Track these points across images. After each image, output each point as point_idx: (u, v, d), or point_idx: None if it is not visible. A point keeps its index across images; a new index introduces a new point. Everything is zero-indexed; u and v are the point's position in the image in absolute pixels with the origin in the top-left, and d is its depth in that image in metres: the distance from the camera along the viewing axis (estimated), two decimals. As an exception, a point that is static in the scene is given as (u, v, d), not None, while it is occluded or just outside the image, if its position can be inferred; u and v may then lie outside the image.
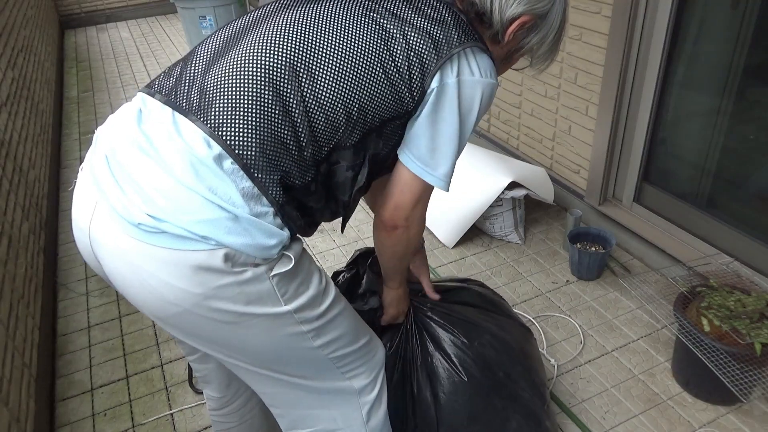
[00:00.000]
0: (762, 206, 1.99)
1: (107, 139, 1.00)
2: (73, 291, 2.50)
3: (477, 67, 1.04)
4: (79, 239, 1.01)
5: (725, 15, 1.92)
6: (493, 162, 2.60)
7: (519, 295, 2.29)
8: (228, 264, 0.91)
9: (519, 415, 1.48)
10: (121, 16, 7.04)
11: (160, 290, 0.92)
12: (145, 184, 0.90)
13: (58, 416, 1.92)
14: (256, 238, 0.92)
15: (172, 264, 0.89)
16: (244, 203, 0.92)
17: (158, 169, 0.91)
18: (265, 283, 0.95)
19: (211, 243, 0.89)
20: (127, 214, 0.90)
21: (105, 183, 0.94)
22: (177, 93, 0.99)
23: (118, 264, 0.93)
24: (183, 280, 0.90)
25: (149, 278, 0.91)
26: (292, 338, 1.03)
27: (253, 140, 0.93)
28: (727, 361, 1.61)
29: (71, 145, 3.89)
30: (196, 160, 0.91)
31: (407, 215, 1.12)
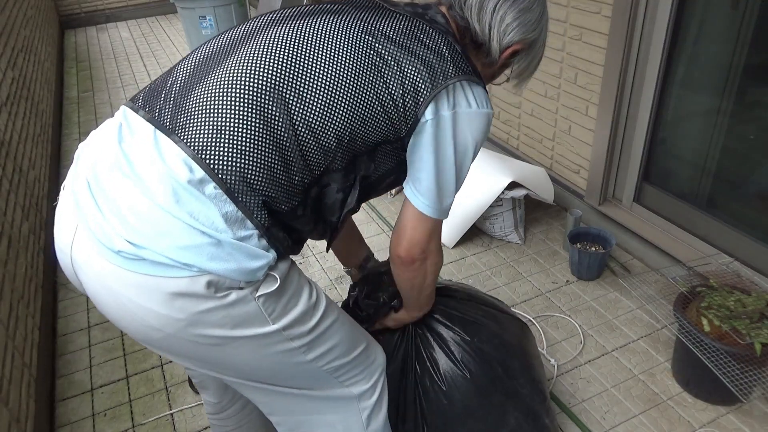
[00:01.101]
0: (762, 206, 1.99)
1: (89, 159, 0.97)
2: (73, 291, 2.50)
3: (474, 98, 1.04)
4: (60, 259, 1.00)
5: (725, 15, 1.92)
6: (493, 162, 2.60)
7: (519, 295, 2.29)
8: (211, 290, 0.88)
9: (518, 411, 1.48)
10: (121, 16, 7.05)
11: (141, 315, 0.89)
12: (125, 208, 0.88)
13: (58, 416, 1.92)
14: (241, 262, 0.89)
15: (153, 290, 0.87)
16: (227, 227, 0.89)
17: (138, 193, 0.88)
18: (250, 304, 0.93)
19: (193, 270, 0.86)
20: (107, 240, 0.87)
21: (86, 206, 0.92)
22: (161, 110, 0.95)
23: (98, 288, 0.92)
24: (164, 306, 0.88)
25: (129, 303, 0.89)
26: (283, 355, 1.01)
27: (238, 164, 0.90)
28: (727, 361, 1.61)
29: (71, 145, 3.89)
30: (177, 185, 0.88)
31: (423, 248, 1.13)
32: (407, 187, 1.10)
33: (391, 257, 1.18)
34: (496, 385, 1.46)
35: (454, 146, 1.04)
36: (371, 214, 2.88)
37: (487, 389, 1.44)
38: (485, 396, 1.44)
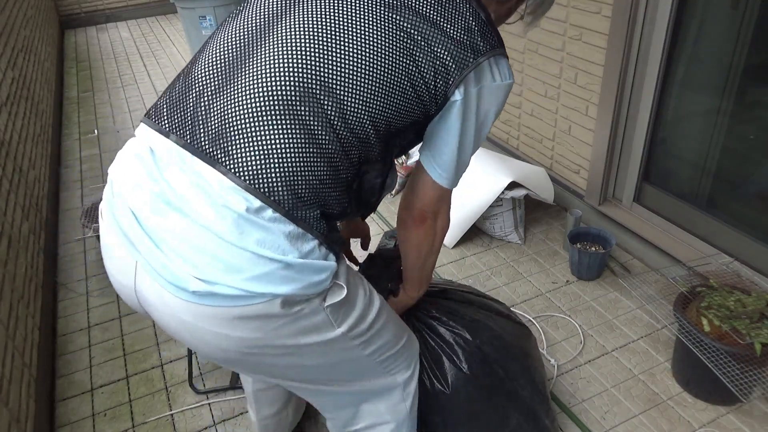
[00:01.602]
0: (762, 206, 1.99)
1: (128, 187, 0.94)
2: (73, 291, 2.50)
3: (498, 72, 1.04)
4: (122, 293, 1.00)
5: (725, 15, 1.92)
6: (493, 162, 2.60)
7: (519, 295, 2.29)
8: (285, 308, 0.90)
9: (519, 413, 1.48)
10: (121, 16, 7.04)
11: (216, 342, 0.92)
12: (187, 247, 0.86)
13: (58, 416, 1.92)
14: (311, 278, 0.91)
15: (229, 319, 0.88)
16: (291, 247, 0.89)
17: (198, 229, 0.86)
18: (320, 314, 0.96)
19: (267, 296, 0.88)
20: (175, 279, 0.86)
21: (141, 244, 0.90)
22: (193, 134, 0.91)
23: (170, 321, 0.93)
24: (240, 330, 0.90)
25: (204, 334, 0.91)
26: (344, 352, 1.05)
27: (292, 185, 0.89)
28: (727, 361, 1.61)
29: (71, 145, 3.89)
30: (237, 216, 0.86)
31: (435, 210, 1.15)
32: (425, 157, 1.10)
33: (401, 219, 1.19)
34: (497, 387, 1.46)
35: (476, 120, 1.06)
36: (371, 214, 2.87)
37: (488, 391, 1.45)
38: (487, 398, 1.45)
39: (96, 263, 2.66)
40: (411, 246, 1.21)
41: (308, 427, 1.82)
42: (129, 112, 4.35)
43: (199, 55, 1.01)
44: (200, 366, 2.07)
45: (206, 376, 2.02)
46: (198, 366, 2.07)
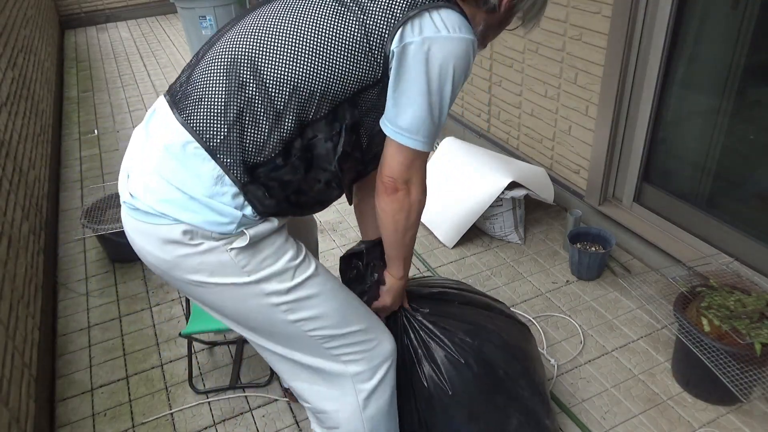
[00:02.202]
0: (762, 206, 1.99)
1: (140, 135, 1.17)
2: (73, 291, 2.50)
3: (443, 23, 1.04)
4: None
5: (725, 15, 1.92)
6: (493, 162, 2.60)
7: (519, 295, 2.29)
8: (186, 237, 1.06)
9: (519, 414, 1.48)
10: (121, 16, 7.04)
11: (145, 255, 1.14)
12: (134, 170, 1.11)
13: (58, 416, 1.92)
14: (208, 216, 1.05)
15: (146, 234, 1.09)
16: (201, 185, 1.04)
17: (143, 157, 1.10)
18: (224, 255, 1.08)
19: (169, 219, 1.05)
20: (123, 195, 1.13)
21: (127, 167, 1.15)
22: (175, 90, 1.14)
23: (129, 234, 1.15)
24: (156, 248, 1.09)
25: (140, 248, 1.13)
26: (264, 309, 1.15)
27: (218, 126, 1.04)
28: (727, 361, 1.61)
29: (71, 145, 3.89)
30: (165, 147, 1.06)
31: (405, 177, 1.14)
32: (386, 122, 1.11)
33: (376, 191, 1.19)
34: (498, 387, 1.46)
35: (430, 73, 1.05)
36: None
37: (489, 392, 1.45)
38: (488, 398, 1.45)
39: (96, 263, 2.66)
40: (387, 218, 1.20)
41: (307, 427, 1.82)
42: (129, 112, 4.35)
43: None
44: (200, 366, 2.07)
45: (206, 376, 2.02)
46: (198, 366, 2.07)
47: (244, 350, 2.11)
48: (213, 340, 2.17)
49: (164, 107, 1.13)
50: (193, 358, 2.07)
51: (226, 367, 2.06)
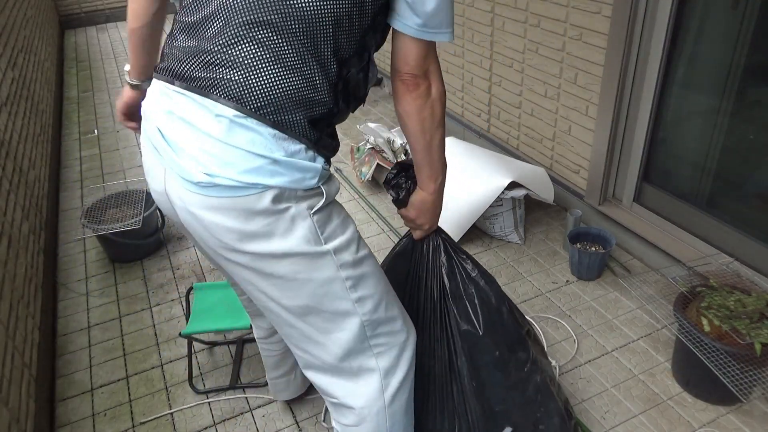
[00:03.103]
0: (762, 206, 1.99)
1: (154, 111, 1.12)
2: (73, 291, 2.50)
3: None
4: (158, 201, 1.18)
5: (725, 15, 1.92)
6: (493, 162, 2.60)
7: (519, 295, 2.29)
8: (275, 203, 1.05)
9: (538, 374, 1.51)
10: (122, 16, 7.04)
11: (218, 233, 1.07)
12: (196, 149, 1.04)
13: (58, 416, 1.92)
14: (294, 175, 1.05)
15: (229, 210, 1.04)
16: (278, 147, 1.04)
17: (201, 135, 1.04)
18: (307, 220, 1.09)
19: (258, 187, 1.03)
20: (188, 176, 1.05)
21: (165, 153, 1.09)
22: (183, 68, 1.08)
23: (186, 216, 1.10)
24: (239, 221, 1.05)
25: (210, 225, 1.06)
26: (333, 283, 1.14)
27: (271, 92, 1.03)
28: (727, 361, 1.61)
29: (71, 145, 3.89)
30: (228, 121, 1.02)
31: (423, 68, 1.15)
32: (397, 18, 1.11)
33: (396, 92, 1.19)
34: (522, 345, 1.49)
35: None
36: (371, 213, 2.88)
37: (514, 344, 1.48)
38: (512, 350, 1.47)
39: (96, 263, 2.66)
40: (413, 120, 1.19)
41: (307, 427, 1.82)
42: (129, 112, 4.35)
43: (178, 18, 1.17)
44: (200, 366, 2.07)
45: (206, 376, 2.03)
46: (198, 366, 2.07)
47: (244, 350, 2.11)
48: (213, 340, 2.17)
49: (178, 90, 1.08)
50: (193, 358, 2.07)
51: (226, 367, 2.06)
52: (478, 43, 3.05)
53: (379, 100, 4.27)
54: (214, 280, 2.49)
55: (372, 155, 2.93)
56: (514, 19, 2.72)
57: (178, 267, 2.60)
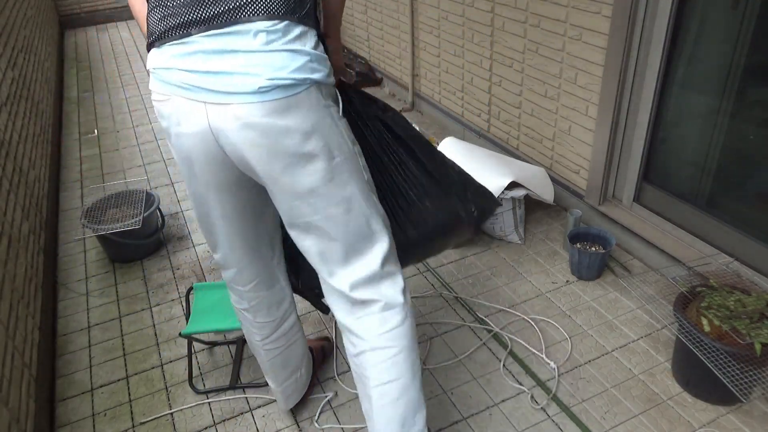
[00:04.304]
0: (762, 206, 1.99)
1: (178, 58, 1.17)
2: (73, 291, 2.50)
3: None
4: (193, 144, 1.23)
5: (725, 15, 1.92)
6: (493, 162, 2.60)
7: (519, 295, 2.29)
8: (320, 98, 1.20)
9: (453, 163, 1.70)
10: (121, 16, 7.04)
11: (283, 137, 1.17)
12: (247, 65, 1.13)
13: (58, 416, 1.92)
14: (325, 68, 1.20)
15: (288, 110, 1.16)
16: (308, 44, 1.18)
17: (244, 54, 1.14)
18: (342, 121, 1.26)
19: (307, 83, 1.16)
20: (246, 88, 1.13)
21: (209, 84, 1.15)
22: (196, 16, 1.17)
23: (245, 134, 1.16)
24: (297, 119, 1.16)
25: (274, 130, 1.16)
26: (364, 184, 1.31)
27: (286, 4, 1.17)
28: (727, 361, 1.61)
29: (71, 145, 3.89)
30: (266, 33, 1.14)
31: None
32: None
33: None
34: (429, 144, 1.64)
35: None
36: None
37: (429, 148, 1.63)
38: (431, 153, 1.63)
39: (96, 263, 2.66)
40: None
41: (307, 427, 1.82)
42: (129, 112, 4.35)
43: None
44: (200, 366, 2.07)
45: (206, 376, 2.03)
46: (198, 366, 2.07)
47: (244, 350, 2.11)
48: (213, 340, 2.17)
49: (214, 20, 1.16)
50: (193, 358, 2.07)
51: (226, 367, 2.06)
52: (478, 43, 3.05)
53: (379, 100, 4.26)
54: (214, 280, 2.49)
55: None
56: (514, 19, 2.72)
57: (178, 267, 2.60)
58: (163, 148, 3.74)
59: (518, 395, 1.87)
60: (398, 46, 3.98)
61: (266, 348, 1.64)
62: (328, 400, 1.89)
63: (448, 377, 1.95)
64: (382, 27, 4.15)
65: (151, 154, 3.67)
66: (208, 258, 2.64)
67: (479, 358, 2.01)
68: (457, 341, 2.09)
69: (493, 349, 2.05)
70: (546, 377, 1.92)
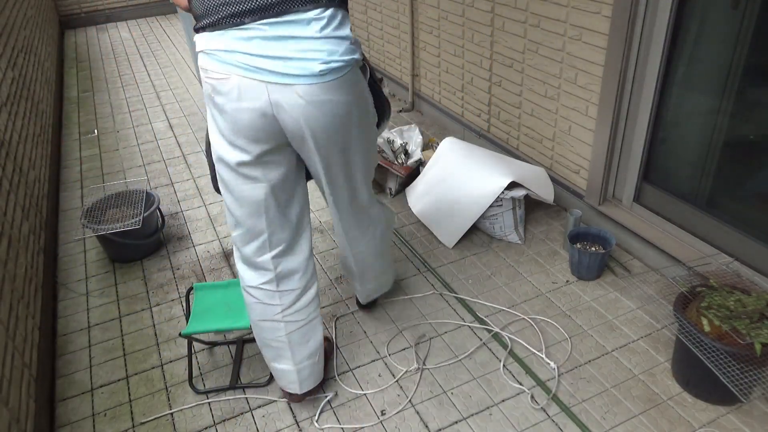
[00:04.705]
0: (762, 206, 1.99)
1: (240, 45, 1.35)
2: (73, 291, 2.50)
3: None
4: (251, 117, 1.41)
5: (725, 15, 1.92)
6: (493, 162, 2.60)
7: (519, 295, 2.29)
8: (358, 74, 1.46)
9: None
10: (121, 16, 7.05)
11: (336, 110, 1.43)
12: (306, 50, 1.35)
13: (58, 416, 1.92)
14: (357, 49, 1.44)
15: (339, 87, 1.40)
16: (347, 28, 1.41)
17: (302, 40, 1.35)
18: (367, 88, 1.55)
19: (350, 63, 1.41)
20: (307, 71, 1.35)
21: (270, 67, 1.35)
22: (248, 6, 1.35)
23: (301, 110, 1.39)
24: (345, 94, 1.42)
25: (330, 105, 1.41)
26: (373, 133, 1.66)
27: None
28: (727, 361, 1.61)
29: (71, 145, 3.89)
30: (315, 20, 1.36)
31: None
32: None
33: None
34: None
35: None
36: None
37: None
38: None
39: (96, 263, 2.66)
40: None
41: (307, 427, 1.82)
42: (129, 112, 4.35)
43: None
44: (200, 366, 2.07)
45: (206, 376, 2.03)
46: (198, 366, 2.07)
47: (244, 350, 2.11)
48: (213, 340, 2.17)
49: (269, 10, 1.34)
50: (193, 358, 2.07)
51: (226, 367, 2.06)
52: (478, 43, 3.05)
53: (379, 100, 4.26)
54: (214, 280, 2.49)
55: (372, 155, 2.93)
56: (514, 19, 2.72)
57: (178, 267, 2.60)
58: (163, 148, 3.74)
59: (518, 395, 1.87)
60: (398, 46, 3.98)
61: (287, 320, 1.69)
62: (328, 400, 1.89)
63: (448, 377, 1.95)
64: (382, 27, 4.15)
65: (151, 154, 3.67)
66: (208, 258, 2.64)
67: (479, 358, 2.01)
68: (457, 341, 2.09)
69: (493, 349, 2.05)
70: (546, 377, 1.92)
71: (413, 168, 2.97)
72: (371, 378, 1.97)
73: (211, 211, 3.00)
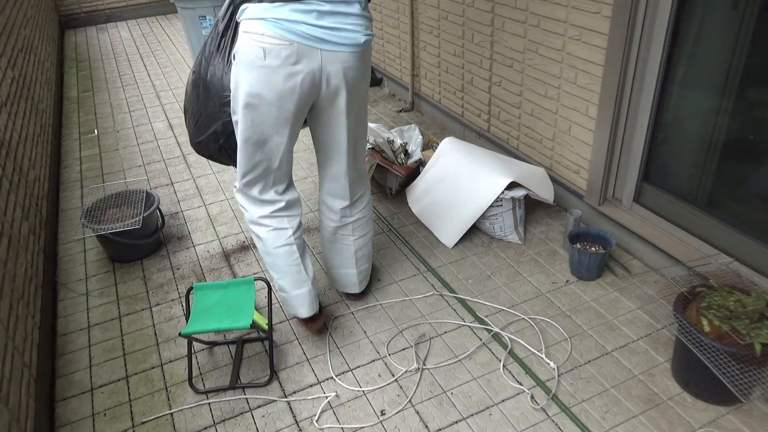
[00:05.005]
0: (762, 206, 1.99)
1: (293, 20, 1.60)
2: (73, 291, 2.50)
3: None
4: (303, 78, 1.67)
5: (725, 15, 1.92)
6: (493, 162, 2.60)
7: (519, 295, 2.29)
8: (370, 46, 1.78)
9: None
10: (121, 16, 7.05)
11: (364, 72, 1.78)
12: (351, 26, 1.68)
13: (58, 416, 1.92)
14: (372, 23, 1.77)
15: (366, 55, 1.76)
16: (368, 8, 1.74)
17: (350, 16, 1.67)
18: None
19: (372, 36, 1.74)
20: (354, 41, 1.69)
21: (326, 36, 1.64)
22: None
23: (345, 74, 1.72)
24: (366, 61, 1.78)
25: (362, 69, 1.76)
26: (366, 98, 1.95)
27: None
28: (727, 361, 1.61)
29: (71, 145, 3.89)
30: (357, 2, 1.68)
31: None
32: None
33: None
34: None
35: None
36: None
37: None
38: None
39: (96, 263, 2.66)
40: None
41: (306, 427, 1.82)
42: (129, 112, 4.35)
43: None
44: (200, 366, 2.07)
45: (206, 376, 2.03)
46: (198, 366, 2.07)
47: (244, 350, 2.11)
48: (213, 340, 2.17)
49: None
50: (193, 358, 2.07)
51: (226, 367, 2.06)
52: (478, 43, 3.05)
53: (379, 100, 4.27)
54: (214, 280, 2.49)
55: (372, 155, 2.92)
56: (514, 19, 2.72)
57: (178, 267, 2.60)
58: (163, 148, 3.74)
59: (518, 395, 1.87)
60: (398, 46, 3.98)
61: (298, 243, 1.97)
62: (328, 401, 1.89)
63: (448, 377, 1.95)
64: (382, 27, 4.15)
65: (151, 154, 3.67)
66: (208, 258, 2.64)
67: (479, 358, 2.01)
68: (457, 341, 2.09)
69: (493, 349, 2.05)
70: (546, 377, 1.92)
71: (413, 168, 2.97)
72: (371, 378, 1.97)
73: (211, 211, 3.00)
